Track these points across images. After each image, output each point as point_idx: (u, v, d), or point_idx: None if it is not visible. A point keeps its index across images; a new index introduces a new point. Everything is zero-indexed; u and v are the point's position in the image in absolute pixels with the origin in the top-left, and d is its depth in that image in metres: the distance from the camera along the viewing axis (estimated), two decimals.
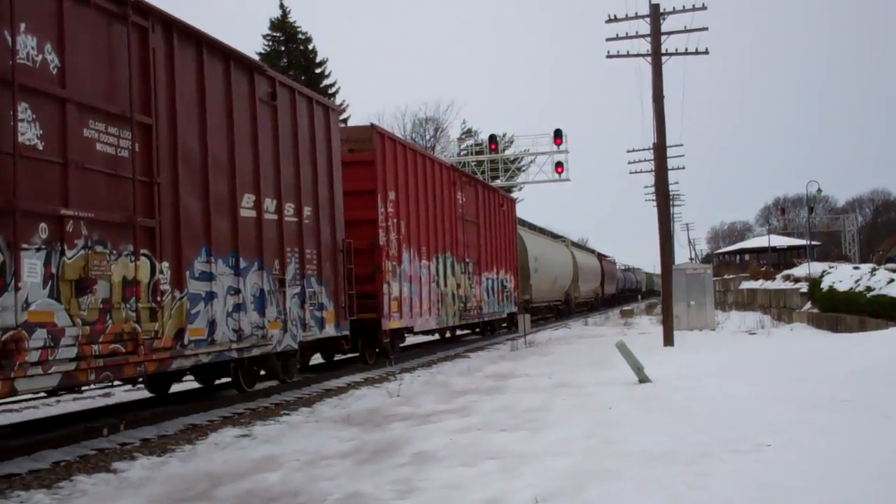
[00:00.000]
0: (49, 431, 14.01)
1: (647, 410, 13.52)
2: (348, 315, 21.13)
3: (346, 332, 21.19)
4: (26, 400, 17.63)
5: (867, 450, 9.63)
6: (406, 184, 26.12)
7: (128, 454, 12.32)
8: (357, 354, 25.02)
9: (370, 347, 24.70)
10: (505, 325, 42.18)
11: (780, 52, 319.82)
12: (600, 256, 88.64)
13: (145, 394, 18.73)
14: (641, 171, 55.62)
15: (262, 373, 18.89)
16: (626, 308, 73.85)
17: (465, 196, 32.82)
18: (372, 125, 24.71)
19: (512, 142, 70.23)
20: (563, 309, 61.67)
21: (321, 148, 20.23)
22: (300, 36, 68.12)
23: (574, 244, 75.70)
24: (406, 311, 25.58)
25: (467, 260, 32.64)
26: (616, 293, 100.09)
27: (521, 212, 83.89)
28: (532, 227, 56.86)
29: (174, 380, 18.51)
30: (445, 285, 29.72)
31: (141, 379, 16.76)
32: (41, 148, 11.30)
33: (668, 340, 27.61)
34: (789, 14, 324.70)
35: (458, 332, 38.70)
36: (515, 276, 41.86)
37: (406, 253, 25.79)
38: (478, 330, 39.11)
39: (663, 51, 28.21)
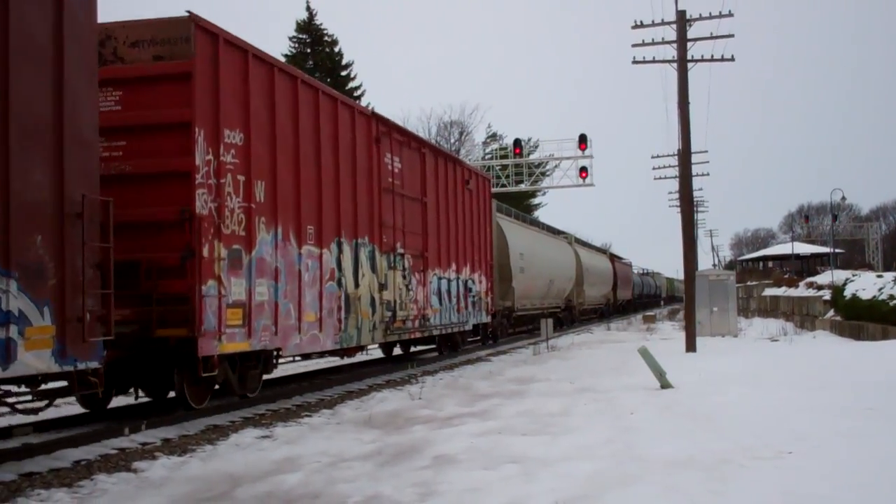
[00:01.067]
0: (69, 430, 14.05)
1: (668, 416, 13.48)
2: (95, 332, 11.51)
3: (91, 365, 11.47)
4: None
5: (890, 458, 9.56)
6: (271, 123, 16.81)
7: (149, 454, 12.34)
8: (149, 400, 16.85)
9: (193, 384, 15.35)
10: (475, 338, 35.29)
11: (805, 59, 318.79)
12: (613, 257, 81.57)
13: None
14: (666, 178, 55.58)
15: None
16: (648, 314, 72.18)
17: (403, 162, 23.91)
18: (190, 14, 14.60)
19: (537, 146, 70.13)
20: (564, 317, 53.35)
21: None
22: (326, 38, 68.37)
23: (579, 241, 65.54)
24: (264, 323, 16.28)
25: (401, 251, 23.51)
26: (632, 299, 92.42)
27: (544, 216, 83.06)
28: (521, 218, 47.91)
29: None
30: (356, 285, 20.55)
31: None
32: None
33: (691, 346, 27.53)
34: (815, 20, 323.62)
35: (419, 347, 30.70)
36: (489, 277, 32.98)
37: (266, 232, 16.49)
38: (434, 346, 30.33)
39: (689, 57, 28.16)
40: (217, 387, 16.07)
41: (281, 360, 19.04)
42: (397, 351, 29.98)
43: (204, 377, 14.92)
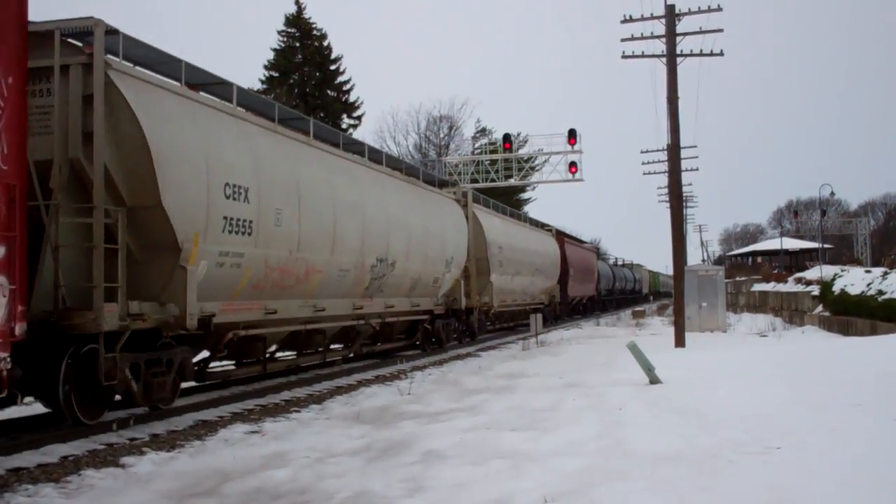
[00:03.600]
0: (58, 427, 14.02)
1: (657, 411, 13.48)
2: None
3: None
4: None
5: (878, 454, 9.57)
6: None
7: (136, 449, 12.34)
8: None
9: None
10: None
11: (794, 56, 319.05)
12: (563, 238, 58.68)
13: None
14: (655, 173, 55.45)
15: None
16: (637, 309, 71.16)
17: None
18: None
19: (526, 141, 69.93)
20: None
21: None
22: (315, 32, 68.19)
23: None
24: None
25: None
26: (597, 295, 73.51)
27: (533, 212, 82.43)
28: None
29: None
30: None
31: None
32: None
33: (680, 342, 27.58)
34: (805, 17, 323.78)
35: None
36: None
37: None
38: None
39: (678, 52, 28.20)
40: None
41: None
42: None
43: None
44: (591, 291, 68.40)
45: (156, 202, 13.90)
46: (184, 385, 16.36)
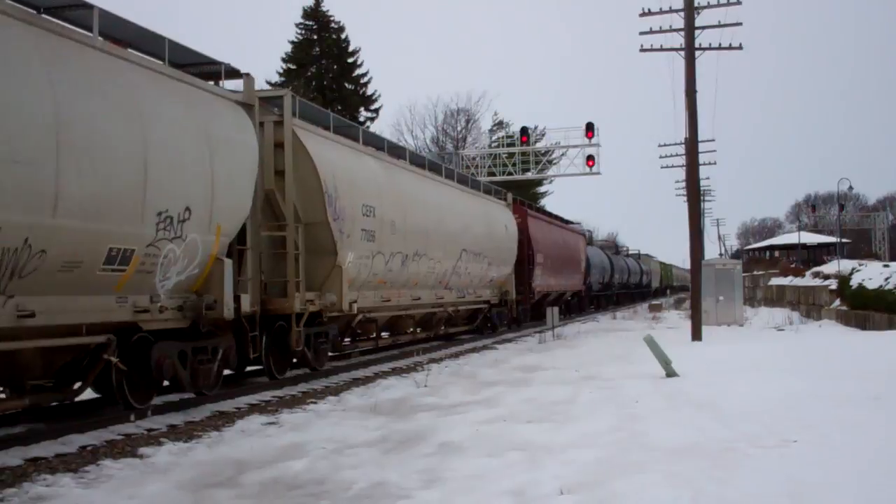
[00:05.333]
0: (76, 417, 14.08)
1: (673, 404, 13.48)
2: None
3: None
4: None
5: (895, 447, 9.56)
6: None
7: (154, 440, 12.38)
8: None
9: None
10: None
11: (813, 48, 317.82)
12: (525, 207, 42.18)
13: None
14: (673, 166, 55.18)
15: None
16: (654, 303, 70.19)
17: None
18: None
19: (543, 134, 69.74)
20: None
21: None
22: (333, 25, 68.19)
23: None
24: None
25: None
26: (587, 291, 58.94)
27: (550, 205, 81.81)
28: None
29: None
30: None
31: None
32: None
33: (697, 335, 27.52)
34: (823, 9, 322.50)
35: None
36: None
37: None
38: None
39: (697, 45, 28.07)
40: None
41: None
42: None
43: None
44: (575, 285, 52.37)
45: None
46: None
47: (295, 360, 19.71)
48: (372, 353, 25.79)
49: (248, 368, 19.43)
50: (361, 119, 66.28)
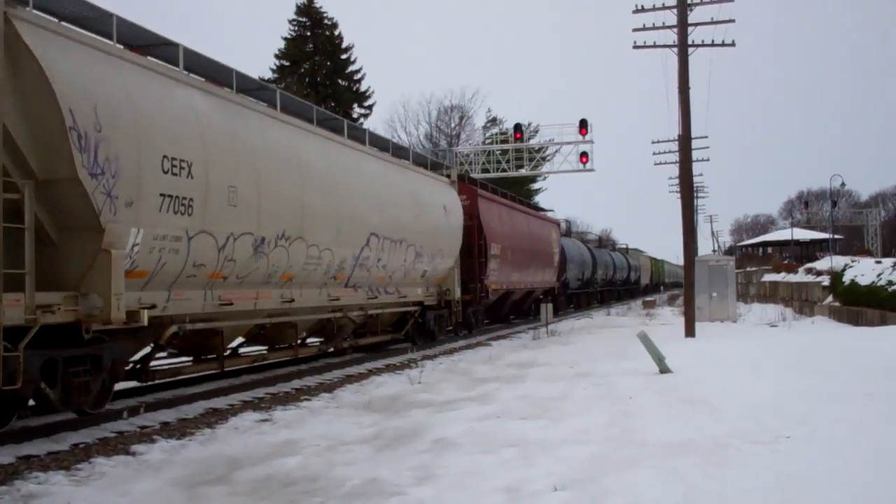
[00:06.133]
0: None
1: (667, 401, 13.50)
2: None
3: None
4: None
5: (887, 443, 9.58)
6: None
7: (147, 437, 12.37)
8: None
9: None
10: None
11: (806, 46, 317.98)
12: (474, 185, 34.72)
13: None
14: (666, 163, 55.31)
15: None
16: (648, 299, 69.67)
17: None
18: None
19: (537, 131, 69.68)
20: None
21: None
22: (326, 21, 68.07)
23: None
24: None
25: None
26: (574, 288, 56.82)
27: (544, 201, 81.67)
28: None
29: None
30: None
31: None
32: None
33: (690, 331, 27.58)
34: (817, 7, 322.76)
35: None
36: None
37: None
38: None
39: (690, 42, 28.12)
40: None
41: None
42: None
43: None
44: (547, 282, 45.39)
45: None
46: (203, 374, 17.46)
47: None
48: (215, 381, 18.42)
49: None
50: (355, 115, 66.25)
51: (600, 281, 67.96)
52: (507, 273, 35.76)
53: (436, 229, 26.93)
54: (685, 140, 29.14)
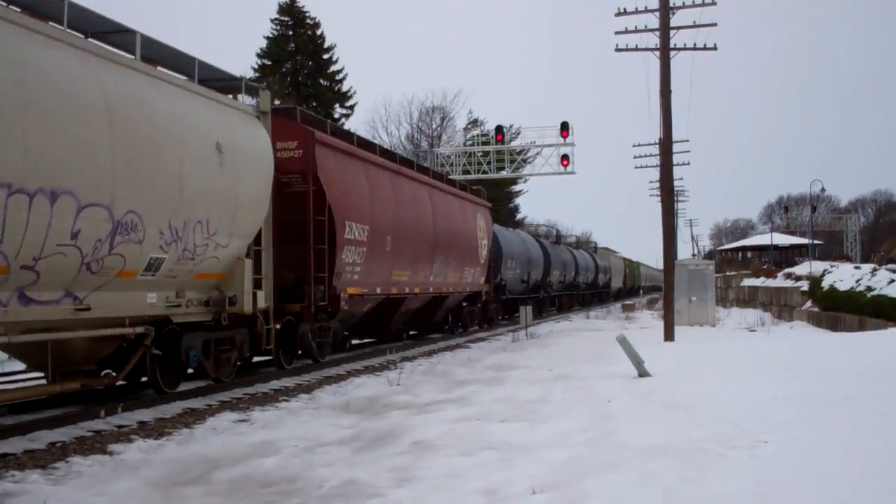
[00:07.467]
0: (44, 411, 13.99)
1: (645, 404, 13.50)
2: None
3: None
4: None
5: (865, 447, 9.60)
6: None
7: (124, 436, 12.31)
8: None
9: None
10: None
11: (787, 52, 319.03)
12: (311, 127, 21.19)
13: None
14: (647, 167, 55.37)
15: None
16: (627, 303, 69.51)
17: None
18: None
19: (518, 133, 69.65)
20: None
21: None
22: (308, 21, 68.05)
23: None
24: None
25: None
26: (519, 292, 45.86)
27: (525, 204, 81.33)
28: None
29: None
30: None
31: None
32: None
33: (669, 335, 27.61)
34: (798, 13, 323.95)
35: None
36: None
37: None
38: None
39: (672, 45, 28.17)
40: None
41: None
42: None
43: None
44: (470, 284, 34.62)
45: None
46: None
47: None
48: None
49: None
50: (336, 116, 66.16)
51: (556, 284, 57.18)
52: (379, 270, 24.42)
53: (192, 185, 15.12)
54: (666, 144, 29.16)
